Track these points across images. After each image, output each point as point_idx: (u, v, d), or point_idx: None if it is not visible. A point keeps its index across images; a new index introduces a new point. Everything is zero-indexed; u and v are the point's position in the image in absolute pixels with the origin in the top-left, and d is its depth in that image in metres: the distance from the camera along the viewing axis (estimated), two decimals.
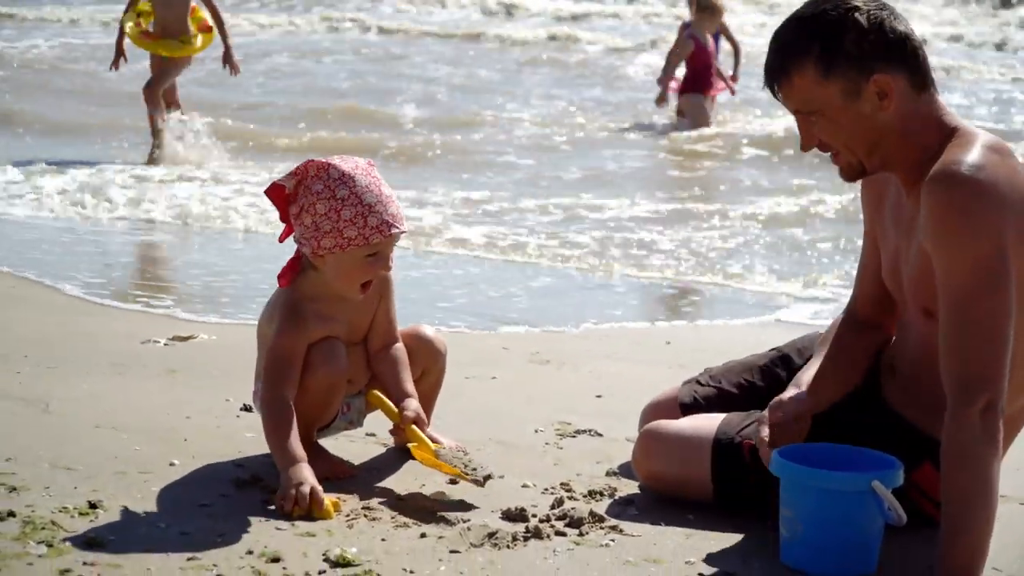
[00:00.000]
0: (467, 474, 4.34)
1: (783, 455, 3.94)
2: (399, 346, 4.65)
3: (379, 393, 4.57)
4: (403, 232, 4.37)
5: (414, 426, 4.47)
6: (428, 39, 24.27)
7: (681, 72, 15.99)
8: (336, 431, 4.69)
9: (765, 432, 4.12)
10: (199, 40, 12.95)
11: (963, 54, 23.36)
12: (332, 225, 4.29)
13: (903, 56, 3.84)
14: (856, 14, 3.80)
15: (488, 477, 4.36)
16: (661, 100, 15.89)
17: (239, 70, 13.19)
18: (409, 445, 4.48)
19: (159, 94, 12.92)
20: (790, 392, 4.22)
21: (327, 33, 25.10)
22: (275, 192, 4.39)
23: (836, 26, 3.80)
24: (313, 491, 4.15)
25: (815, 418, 4.19)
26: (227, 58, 12.95)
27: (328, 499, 4.16)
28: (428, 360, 4.75)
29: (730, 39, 16.31)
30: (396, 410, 4.52)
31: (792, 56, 3.85)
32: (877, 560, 3.92)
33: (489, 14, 28.42)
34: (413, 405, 4.52)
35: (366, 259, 4.36)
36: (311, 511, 4.12)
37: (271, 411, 4.34)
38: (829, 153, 3.94)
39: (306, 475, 4.19)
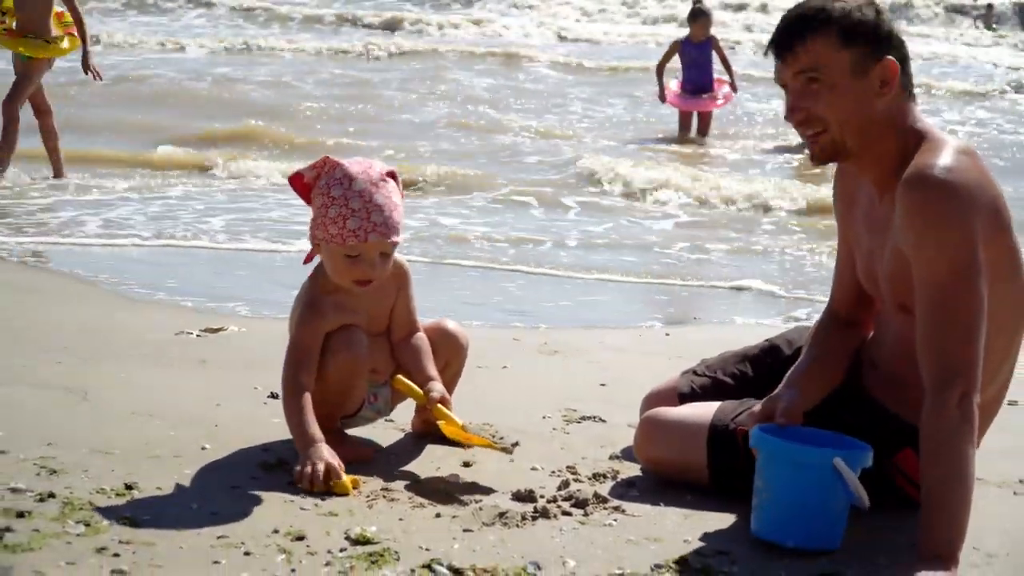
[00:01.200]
0: (495, 444, 4.37)
1: (764, 430, 3.96)
2: (421, 335, 4.66)
3: (403, 377, 4.56)
4: (388, 242, 4.33)
5: (440, 405, 4.49)
6: None
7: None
8: (364, 421, 4.71)
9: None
10: (65, 42, 11.91)
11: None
12: (321, 219, 4.33)
13: (902, 54, 3.91)
14: (872, 7, 3.90)
15: (515, 444, 4.41)
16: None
17: (101, 76, 12.27)
18: (438, 422, 4.49)
19: (18, 108, 11.79)
20: (782, 390, 4.18)
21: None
22: (296, 180, 4.42)
23: (854, 12, 3.87)
24: (329, 468, 4.17)
25: (812, 410, 4.20)
26: (85, 63, 11.89)
27: (347, 476, 4.19)
28: (451, 353, 4.76)
29: (722, 56, 16.18)
30: (421, 392, 4.53)
31: (816, 18, 3.87)
32: (841, 538, 3.92)
33: None
34: (438, 387, 4.53)
35: (346, 259, 4.36)
36: (330, 486, 4.15)
37: (289, 396, 4.37)
38: (808, 131, 3.93)
39: (322, 454, 4.21)
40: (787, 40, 3.91)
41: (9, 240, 9.36)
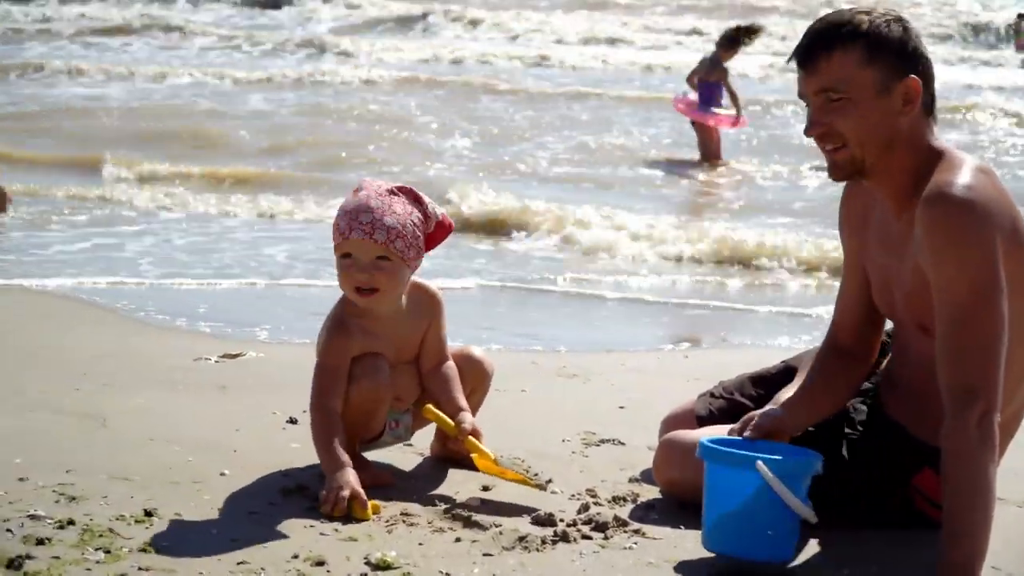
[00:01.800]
0: (530, 480, 4.36)
1: (714, 440, 3.96)
2: (450, 364, 4.65)
3: (433, 408, 4.54)
4: (371, 241, 4.32)
5: (471, 437, 4.48)
6: None
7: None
8: (385, 445, 4.71)
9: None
10: None
11: None
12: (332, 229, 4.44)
13: (927, 73, 3.87)
14: (904, 22, 3.87)
15: (549, 481, 4.41)
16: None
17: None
18: (471, 455, 4.49)
19: None
20: (767, 410, 4.16)
21: None
22: None
23: (882, 27, 3.83)
24: (354, 495, 4.17)
25: (821, 428, 4.18)
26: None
27: (370, 502, 4.19)
28: (476, 381, 4.76)
29: (729, 89, 15.77)
30: (452, 423, 4.51)
31: (841, 34, 3.83)
32: (792, 551, 3.90)
33: None
34: (469, 418, 4.53)
35: (343, 262, 4.40)
36: (352, 512, 4.15)
37: (316, 419, 4.39)
38: (827, 146, 3.91)
39: (348, 479, 4.21)
40: (811, 54, 3.87)
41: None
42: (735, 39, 15.54)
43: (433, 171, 14.75)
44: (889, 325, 4.33)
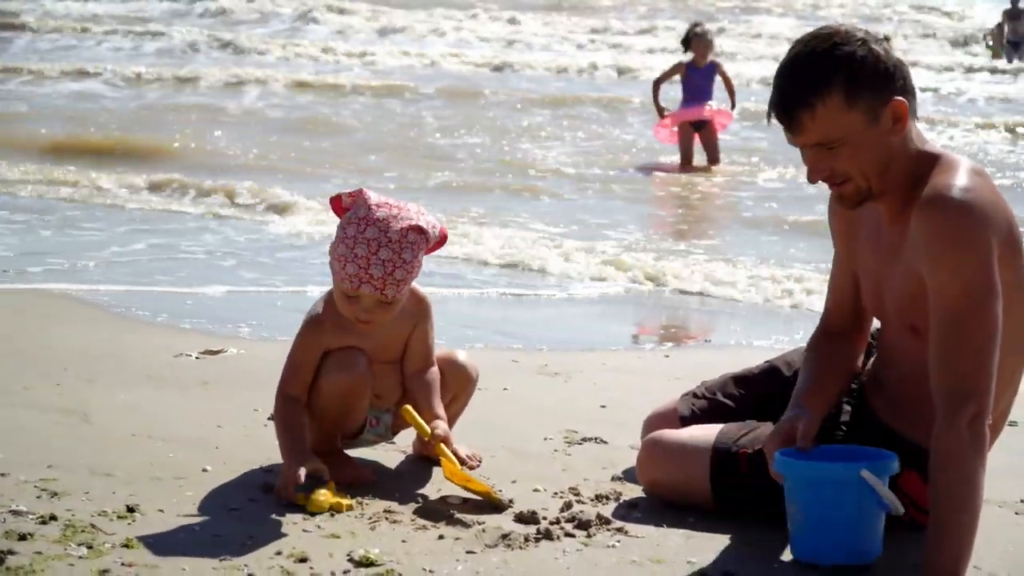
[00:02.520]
0: (494, 494, 4.35)
1: (785, 455, 3.94)
2: (434, 370, 4.63)
3: (411, 410, 4.53)
4: (381, 296, 4.29)
5: (442, 445, 4.47)
6: None
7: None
8: (366, 444, 4.72)
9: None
10: None
11: None
12: (333, 249, 4.33)
13: (905, 82, 3.83)
14: (867, 44, 3.77)
15: (511, 502, 4.36)
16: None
17: None
18: (441, 462, 4.48)
19: None
20: (794, 412, 4.10)
21: None
22: (335, 203, 4.41)
23: (853, 56, 3.75)
24: (292, 481, 4.22)
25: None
26: None
27: (327, 496, 4.21)
28: (459, 386, 4.76)
29: (727, 83, 15.42)
30: (427, 428, 4.50)
31: (815, 89, 3.74)
32: (881, 547, 3.94)
33: None
34: (442, 426, 4.51)
35: (345, 295, 4.35)
36: (299, 502, 4.19)
37: (277, 408, 4.47)
38: (833, 183, 3.87)
39: (297, 463, 4.26)
40: (792, 116, 3.78)
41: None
42: (692, 33, 15.41)
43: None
44: (874, 326, 4.34)
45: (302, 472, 4.21)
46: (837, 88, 3.74)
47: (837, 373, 4.27)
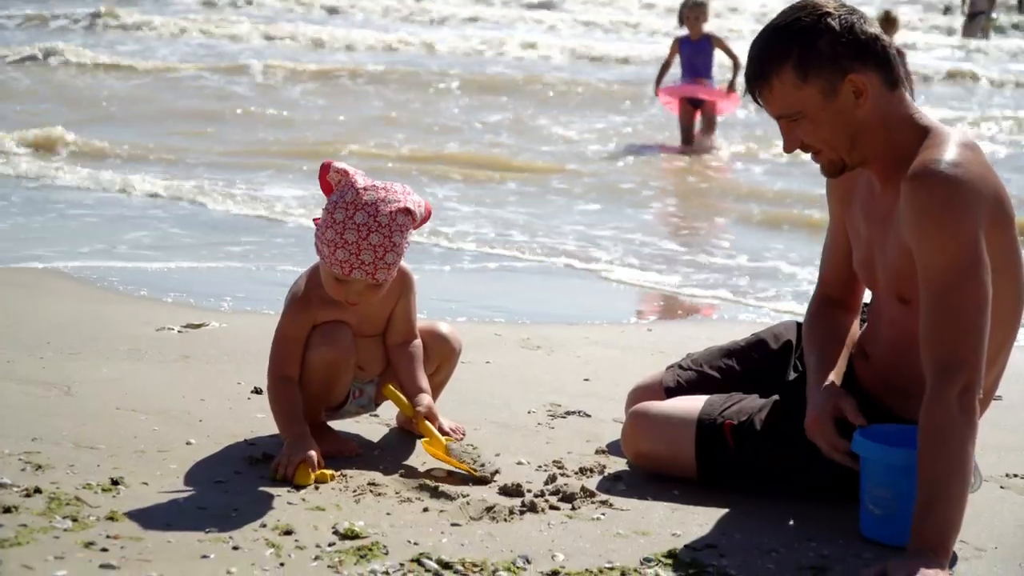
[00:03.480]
0: (475, 470, 4.34)
1: (864, 435, 3.92)
2: (417, 343, 4.63)
3: (394, 388, 4.54)
4: (372, 281, 4.27)
5: (426, 421, 4.46)
6: None
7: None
8: (349, 415, 4.71)
9: (838, 442, 4.03)
10: None
11: None
12: (321, 232, 4.27)
13: (875, 56, 3.85)
14: (828, 19, 3.81)
15: (495, 473, 4.36)
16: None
17: None
18: (421, 441, 4.48)
19: None
20: (833, 390, 4.10)
21: None
22: (323, 172, 4.30)
23: (810, 31, 3.81)
24: (306, 461, 4.21)
25: (797, 399, 4.19)
26: None
27: (323, 471, 4.23)
28: (442, 357, 4.76)
29: (727, 51, 14.74)
30: (410, 404, 4.51)
31: (770, 64, 3.85)
32: None
33: None
34: (426, 401, 4.51)
35: (334, 278, 4.32)
36: (295, 479, 4.19)
37: (274, 389, 4.43)
38: (809, 154, 3.94)
39: (306, 447, 4.25)
40: (754, 87, 3.92)
41: None
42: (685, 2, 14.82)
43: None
44: (866, 298, 4.35)
45: (313, 455, 4.23)
46: (789, 65, 3.82)
47: (841, 340, 4.30)
